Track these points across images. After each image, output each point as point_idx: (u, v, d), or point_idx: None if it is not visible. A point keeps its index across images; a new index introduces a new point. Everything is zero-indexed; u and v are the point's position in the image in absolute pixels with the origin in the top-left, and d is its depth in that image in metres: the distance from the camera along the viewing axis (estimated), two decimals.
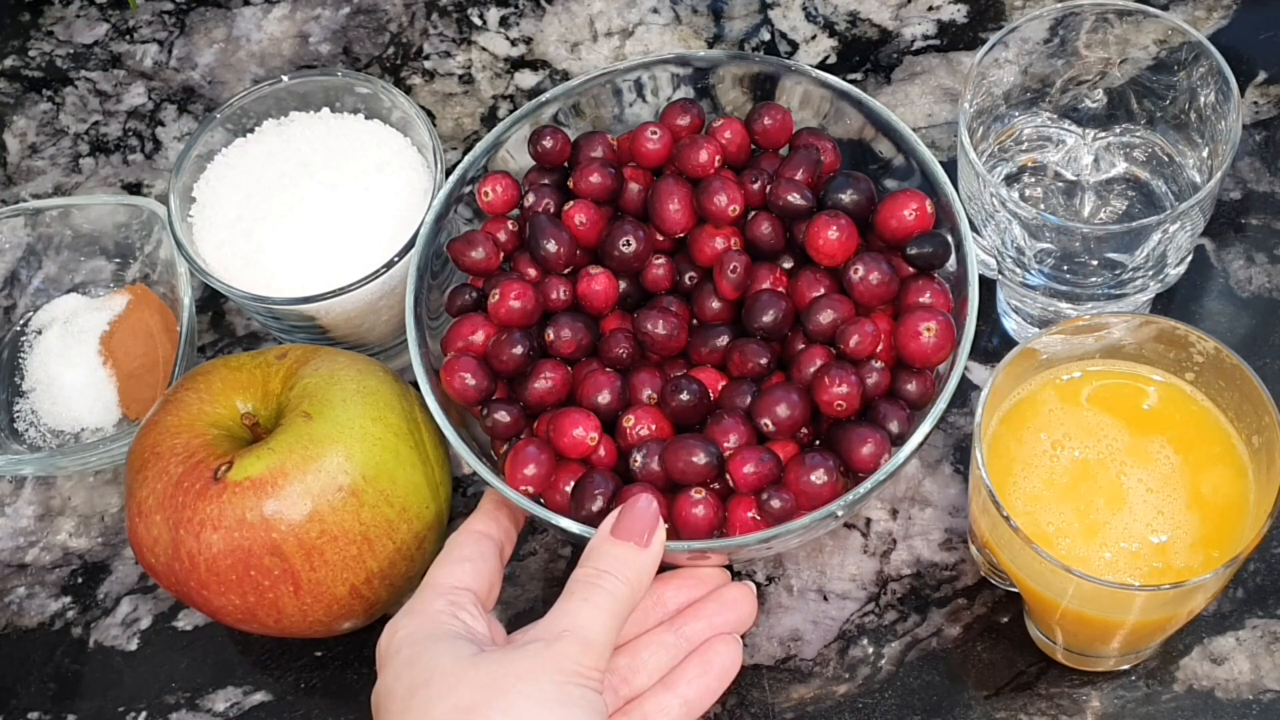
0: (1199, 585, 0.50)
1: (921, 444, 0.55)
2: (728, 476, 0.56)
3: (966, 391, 0.66)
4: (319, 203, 0.66)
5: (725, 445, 0.56)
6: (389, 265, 0.63)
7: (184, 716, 0.63)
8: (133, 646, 0.65)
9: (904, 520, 0.64)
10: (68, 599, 0.66)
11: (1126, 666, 0.60)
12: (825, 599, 0.63)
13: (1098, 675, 0.60)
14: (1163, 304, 0.67)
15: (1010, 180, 0.66)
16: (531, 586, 0.64)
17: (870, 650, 0.61)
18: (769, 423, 0.56)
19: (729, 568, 0.63)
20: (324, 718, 0.62)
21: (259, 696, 0.63)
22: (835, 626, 0.62)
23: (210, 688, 0.64)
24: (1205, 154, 0.63)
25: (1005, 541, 0.52)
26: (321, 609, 0.57)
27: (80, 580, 0.67)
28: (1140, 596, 0.51)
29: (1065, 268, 0.61)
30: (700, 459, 0.55)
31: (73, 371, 0.68)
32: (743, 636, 0.57)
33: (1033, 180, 0.66)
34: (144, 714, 0.63)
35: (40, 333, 0.71)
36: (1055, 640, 0.59)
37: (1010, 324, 0.67)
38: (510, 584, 0.64)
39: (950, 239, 0.59)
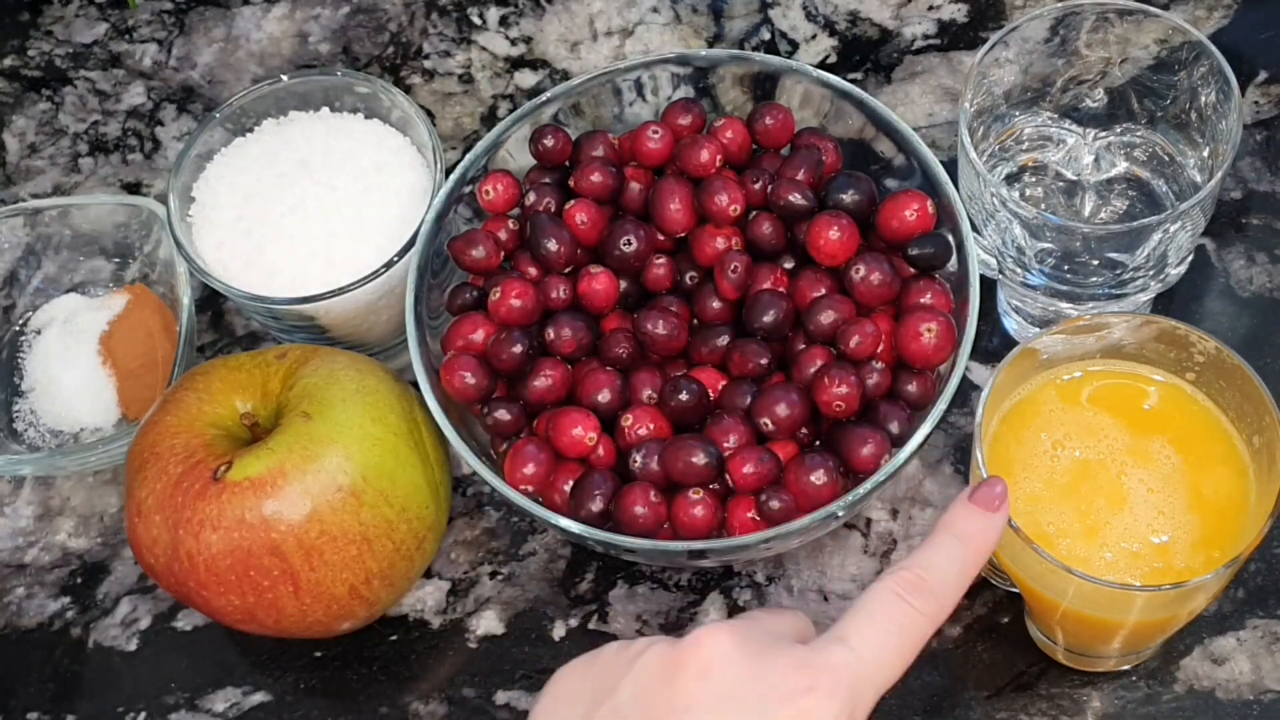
0: (1200, 585, 0.50)
1: (922, 445, 0.55)
2: (727, 477, 0.56)
3: (967, 391, 0.66)
4: (319, 203, 0.66)
5: (725, 445, 0.56)
6: (389, 265, 0.63)
7: (183, 717, 0.63)
8: (132, 647, 0.65)
9: (904, 520, 0.64)
10: (67, 599, 0.66)
11: (1127, 667, 0.60)
12: (825, 599, 0.63)
13: (1098, 675, 0.60)
14: (1163, 304, 0.67)
15: (1011, 180, 0.66)
16: (531, 586, 0.64)
17: None
18: (768, 422, 0.56)
19: (728, 569, 0.63)
20: (324, 718, 0.62)
21: (259, 697, 0.63)
22: None
23: (210, 688, 0.63)
24: (1206, 154, 0.63)
25: (1005, 541, 0.52)
26: (321, 609, 0.57)
27: (79, 580, 0.67)
28: (1141, 597, 0.51)
29: (1066, 267, 0.61)
30: (700, 459, 0.55)
31: (72, 371, 0.68)
32: None
33: (1033, 180, 0.66)
34: (143, 714, 0.63)
35: (39, 333, 0.71)
36: (1056, 640, 0.59)
37: (1010, 324, 0.67)
38: (510, 584, 0.64)
39: (951, 239, 0.59)
